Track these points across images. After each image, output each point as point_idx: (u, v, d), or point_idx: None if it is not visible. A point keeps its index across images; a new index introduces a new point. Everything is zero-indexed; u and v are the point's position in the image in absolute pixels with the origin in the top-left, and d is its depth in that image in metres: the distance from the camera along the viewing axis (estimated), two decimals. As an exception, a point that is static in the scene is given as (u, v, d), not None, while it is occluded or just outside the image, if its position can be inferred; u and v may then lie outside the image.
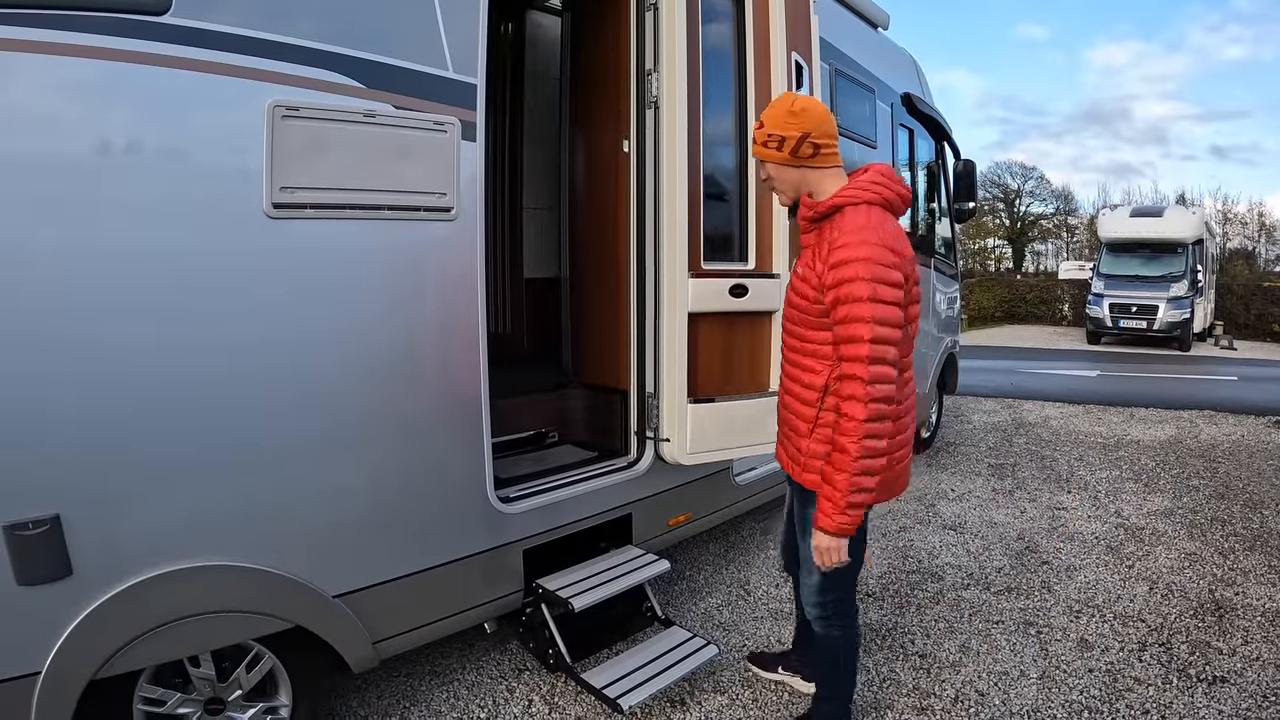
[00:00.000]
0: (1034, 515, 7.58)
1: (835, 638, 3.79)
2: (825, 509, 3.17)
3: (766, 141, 3.30)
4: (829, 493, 3.16)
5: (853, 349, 3.06)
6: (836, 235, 3.14)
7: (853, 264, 3.04)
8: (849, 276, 3.04)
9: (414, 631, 3.90)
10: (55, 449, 2.81)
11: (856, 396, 3.05)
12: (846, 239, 3.09)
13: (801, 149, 3.26)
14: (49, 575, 2.83)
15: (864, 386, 3.04)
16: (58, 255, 2.75)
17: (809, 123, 3.25)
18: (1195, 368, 20.12)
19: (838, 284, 3.07)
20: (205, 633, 3.26)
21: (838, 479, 3.12)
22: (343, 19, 3.36)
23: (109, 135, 2.83)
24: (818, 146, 3.27)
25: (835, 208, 3.22)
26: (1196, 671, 4.68)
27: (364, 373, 3.55)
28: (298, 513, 3.43)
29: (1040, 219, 57.64)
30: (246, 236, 3.15)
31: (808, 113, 3.26)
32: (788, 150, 3.26)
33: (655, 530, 5.12)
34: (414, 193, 3.62)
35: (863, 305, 3.03)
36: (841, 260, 3.06)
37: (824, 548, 3.24)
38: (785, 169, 3.34)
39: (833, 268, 3.09)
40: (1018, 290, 37.34)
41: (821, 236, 3.25)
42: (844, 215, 3.19)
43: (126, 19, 2.80)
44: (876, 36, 8.29)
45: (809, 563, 3.54)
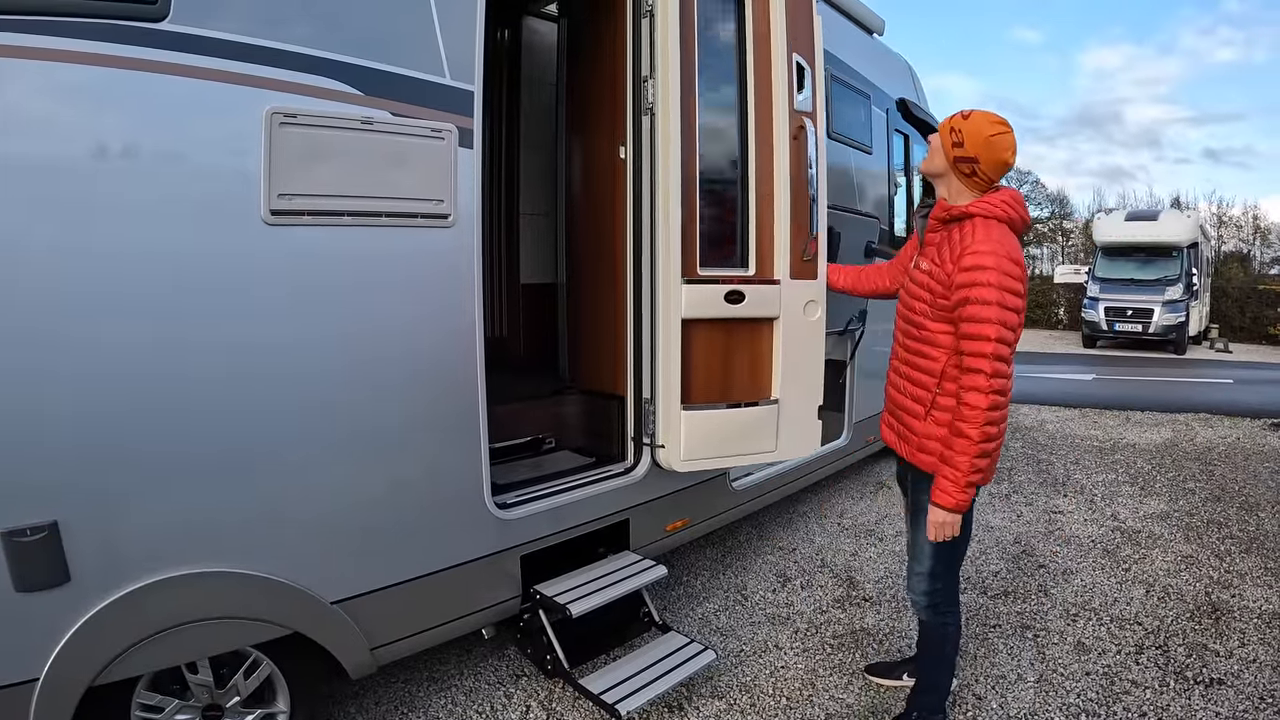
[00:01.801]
0: (1030, 519, 7.59)
1: (943, 626, 4.01)
2: (946, 488, 3.45)
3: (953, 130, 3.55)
4: (950, 473, 3.44)
5: (979, 345, 3.36)
6: (970, 242, 3.42)
7: (986, 270, 3.35)
8: (980, 280, 3.35)
9: (412, 638, 3.90)
10: (53, 455, 2.81)
11: (979, 388, 3.36)
12: (980, 246, 3.39)
13: (963, 165, 3.54)
14: (47, 582, 2.82)
15: (987, 379, 3.35)
16: (56, 260, 2.75)
17: (987, 154, 3.50)
18: (1191, 371, 20.17)
19: (969, 285, 3.37)
20: (203, 639, 3.26)
21: (960, 460, 3.41)
22: (341, 26, 3.36)
23: (107, 141, 2.83)
24: (976, 171, 3.54)
25: (967, 215, 3.53)
26: (1194, 674, 4.69)
27: (361, 378, 3.55)
28: (295, 519, 3.42)
29: (1035, 223, 57.60)
30: (244, 242, 3.15)
31: (993, 149, 3.49)
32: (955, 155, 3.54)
33: (653, 536, 5.11)
34: (411, 199, 3.62)
35: (990, 308, 3.34)
36: (975, 265, 3.36)
37: (942, 522, 3.52)
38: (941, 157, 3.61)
39: (965, 270, 3.38)
40: (1014, 294, 37.38)
41: (949, 238, 3.57)
42: (974, 224, 3.49)
43: (124, 25, 2.80)
44: (872, 42, 8.33)
45: (921, 550, 3.88)
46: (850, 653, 4.97)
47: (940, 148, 3.60)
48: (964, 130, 3.50)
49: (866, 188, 7.65)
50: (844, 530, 7.27)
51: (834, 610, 5.57)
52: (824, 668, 4.80)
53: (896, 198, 8.49)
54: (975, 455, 3.39)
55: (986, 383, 3.34)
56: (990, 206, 3.50)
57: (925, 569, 3.90)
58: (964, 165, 3.53)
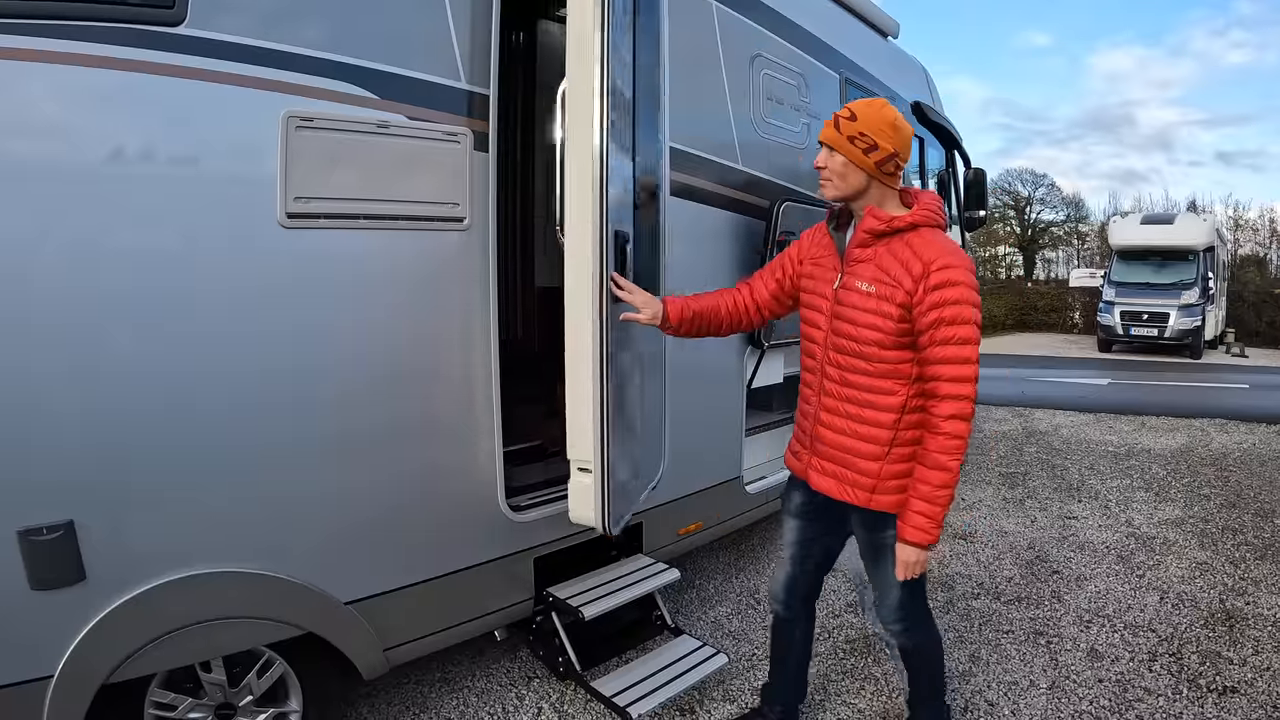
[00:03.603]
0: (1044, 525, 7.59)
1: (924, 643, 3.80)
2: (924, 525, 3.17)
3: (854, 138, 3.21)
4: (925, 508, 3.16)
5: (962, 369, 3.10)
6: (932, 255, 3.11)
7: (959, 286, 3.08)
8: (957, 298, 3.07)
9: (425, 639, 3.93)
10: (69, 454, 2.84)
11: (963, 415, 3.11)
12: (949, 260, 3.10)
13: (887, 164, 3.24)
14: (62, 580, 2.85)
15: (970, 404, 3.12)
16: (73, 262, 2.78)
17: (903, 143, 3.26)
18: (1206, 375, 20.10)
19: (942, 304, 3.08)
20: (217, 638, 3.29)
21: (939, 495, 3.15)
22: (357, 30, 3.39)
23: (124, 145, 2.86)
24: (898, 166, 3.28)
25: (913, 225, 3.21)
26: (1207, 682, 4.69)
27: (376, 380, 3.57)
28: (310, 519, 3.45)
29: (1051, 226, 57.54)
30: (261, 245, 3.18)
31: (903, 133, 3.26)
32: (875, 159, 3.22)
33: (665, 539, 5.13)
34: (426, 203, 3.65)
35: (971, 328, 3.10)
36: (948, 281, 3.07)
37: (915, 561, 3.25)
38: (859, 172, 3.26)
39: (936, 288, 3.07)
40: (1028, 298, 37.36)
41: (891, 252, 3.22)
42: (921, 235, 3.20)
43: (142, 30, 2.83)
44: (886, 45, 8.29)
45: (889, 585, 3.55)
46: (862, 657, 4.99)
47: (849, 164, 3.25)
48: (867, 130, 3.21)
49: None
50: (857, 535, 7.23)
51: (846, 615, 5.59)
52: (836, 672, 4.82)
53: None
54: (951, 485, 3.17)
55: (969, 408, 3.13)
56: (932, 214, 3.25)
57: (896, 599, 3.60)
58: (889, 165, 3.24)
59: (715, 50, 5.22)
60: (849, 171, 3.26)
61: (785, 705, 4.11)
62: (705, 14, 5.13)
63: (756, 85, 5.57)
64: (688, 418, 4.87)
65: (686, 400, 4.88)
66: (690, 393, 4.56)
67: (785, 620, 3.97)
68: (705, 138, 5.12)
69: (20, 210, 2.68)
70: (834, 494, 3.45)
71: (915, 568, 3.26)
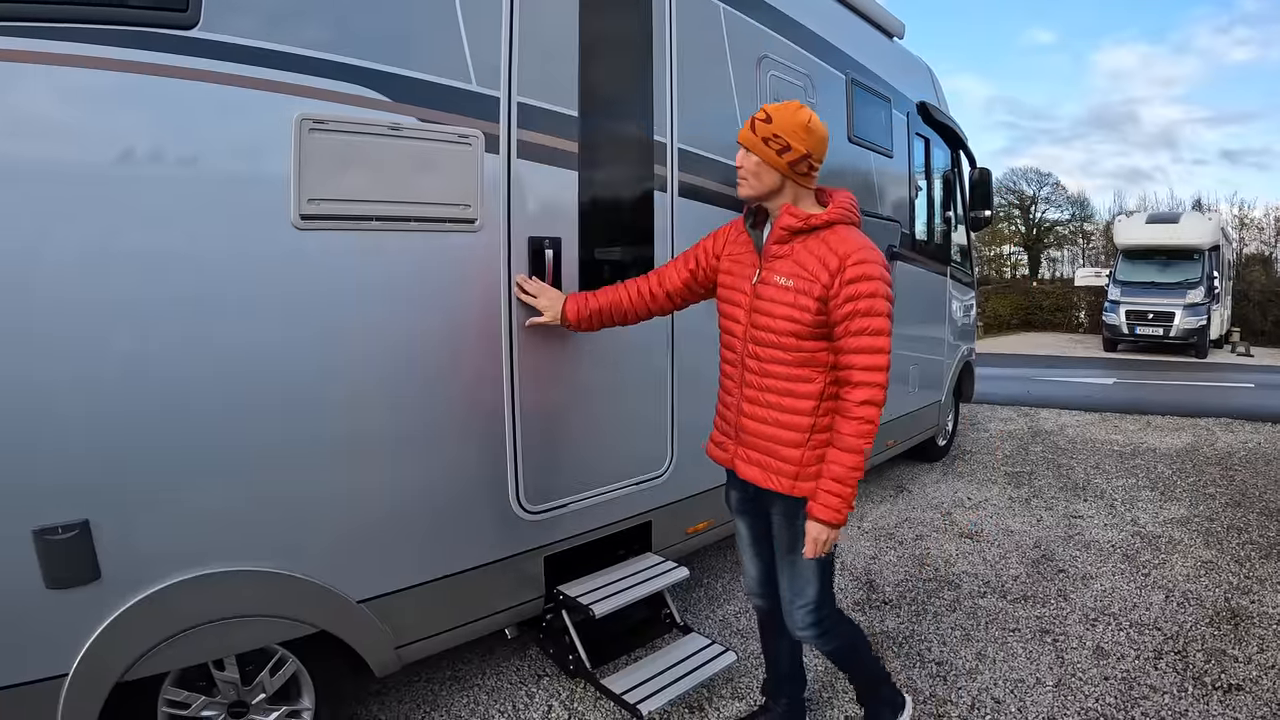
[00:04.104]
0: (1050, 524, 7.60)
1: (844, 640, 3.82)
2: (834, 504, 3.24)
3: (769, 140, 3.29)
4: (837, 489, 3.23)
5: (874, 359, 3.19)
6: (847, 249, 3.21)
7: (874, 280, 3.17)
8: (871, 291, 3.16)
9: (437, 636, 3.95)
10: (84, 454, 2.86)
11: (875, 401, 3.21)
12: (863, 255, 3.20)
13: (800, 165, 3.32)
14: (77, 579, 2.87)
15: (881, 391, 3.22)
16: (87, 264, 2.81)
17: (816, 144, 3.33)
18: (1212, 375, 20.09)
19: (857, 296, 3.16)
20: (231, 636, 3.31)
21: (850, 475, 3.23)
22: (369, 32, 3.42)
23: (136, 147, 2.89)
24: (812, 167, 3.36)
25: (829, 223, 3.30)
26: (1212, 680, 4.71)
27: (389, 380, 3.61)
28: (323, 518, 3.48)
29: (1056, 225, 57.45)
30: (275, 247, 3.21)
31: (816, 134, 3.33)
32: (788, 160, 3.30)
33: (674, 538, 5.16)
34: (438, 204, 3.68)
35: (884, 319, 3.19)
36: (863, 275, 3.16)
37: (824, 539, 3.29)
38: (772, 172, 3.35)
39: (851, 281, 3.16)
40: (1034, 297, 37.28)
41: (808, 248, 3.30)
42: (836, 232, 3.29)
43: (155, 33, 2.86)
44: (892, 46, 8.33)
45: (805, 581, 3.60)
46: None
47: (763, 164, 3.34)
48: (781, 131, 3.29)
49: (887, 191, 7.67)
50: (863, 533, 7.31)
51: (854, 613, 5.59)
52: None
53: (917, 201, 8.48)
54: (861, 467, 3.26)
55: (881, 395, 3.24)
56: (847, 212, 3.36)
57: (810, 599, 3.62)
58: (801, 165, 3.32)
59: (723, 51, 5.24)
60: (763, 171, 3.35)
61: (789, 697, 4.14)
62: (712, 15, 5.15)
63: (764, 86, 5.59)
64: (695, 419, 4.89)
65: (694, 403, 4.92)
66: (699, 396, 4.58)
67: (767, 611, 3.98)
68: (714, 139, 5.15)
69: (37, 213, 2.71)
70: (759, 482, 3.52)
71: (823, 546, 3.31)
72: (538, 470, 4.22)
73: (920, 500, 8.41)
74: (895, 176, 7.90)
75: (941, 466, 9.79)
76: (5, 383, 2.70)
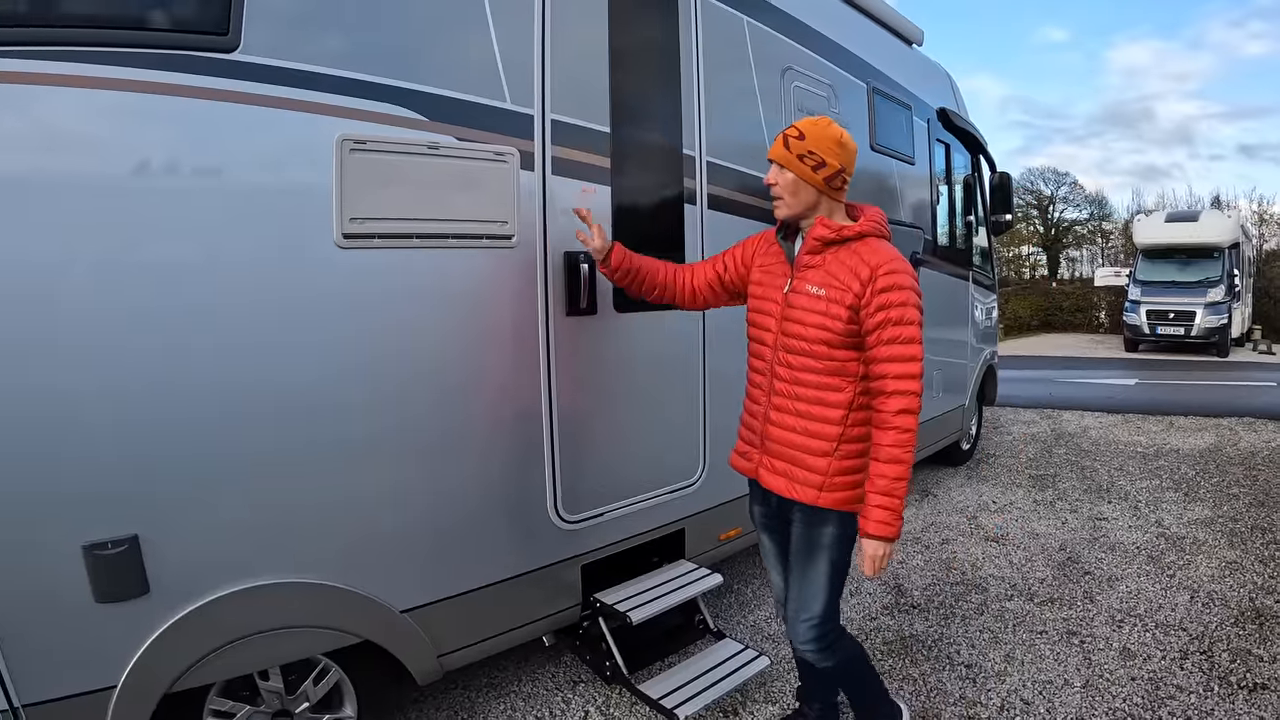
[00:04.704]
0: (1075, 526, 7.63)
1: (846, 656, 3.78)
2: (886, 519, 3.21)
3: (804, 156, 3.31)
4: (885, 501, 3.21)
5: (909, 367, 3.19)
6: (879, 260, 3.22)
7: (905, 290, 3.19)
8: (902, 300, 3.18)
9: (478, 644, 4.02)
10: (134, 470, 2.92)
11: (910, 410, 3.19)
12: (895, 265, 3.22)
13: (834, 180, 3.34)
14: (127, 593, 2.93)
15: (916, 399, 3.20)
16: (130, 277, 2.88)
17: (849, 159, 3.37)
18: (1234, 374, 19.99)
19: (888, 305, 3.17)
20: (277, 647, 3.38)
21: (897, 487, 3.20)
22: (406, 53, 3.50)
23: (179, 170, 2.96)
24: (845, 182, 3.39)
25: (861, 235, 3.31)
26: (1237, 679, 4.74)
27: (432, 395, 3.68)
28: (368, 530, 3.54)
29: (1074, 225, 57.17)
30: (319, 265, 3.28)
31: (849, 149, 3.36)
32: (824, 176, 3.32)
33: (707, 545, 5.21)
34: (476, 221, 3.74)
35: (915, 328, 3.20)
36: (894, 285, 3.17)
37: (881, 555, 3.28)
38: (809, 188, 3.37)
39: (883, 290, 3.17)
40: (1054, 299, 37.09)
41: (837, 259, 3.31)
42: (868, 244, 3.30)
43: (197, 56, 2.92)
44: (912, 53, 8.38)
45: (814, 594, 3.56)
46: (899, 659, 5.06)
47: (799, 181, 3.36)
48: (815, 148, 3.31)
49: (909, 198, 7.71)
50: (890, 538, 7.30)
51: (883, 617, 5.66)
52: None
53: (939, 207, 8.52)
54: (906, 477, 3.23)
55: (917, 403, 3.21)
56: (879, 225, 3.38)
57: (815, 613, 3.57)
58: (836, 180, 3.35)
59: (748, 64, 5.30)
60: (800, 188, 3.37)
61: (822, 702, 4.15)
62: (737, 28, 5.22)
63: (788, 98, 5.65)
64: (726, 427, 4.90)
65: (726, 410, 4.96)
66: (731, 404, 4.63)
67: None
68: (741, 151, 5.21)
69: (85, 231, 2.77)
70: (783, 492, 3.51)
71: (881, 561, 3.30)
72: (575, 481, 4.28)
73: (945, 504, 8.44)
74: (917, 183, 7.95)
75: (966, 470, 9.81)
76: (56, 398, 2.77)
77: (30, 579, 2.81)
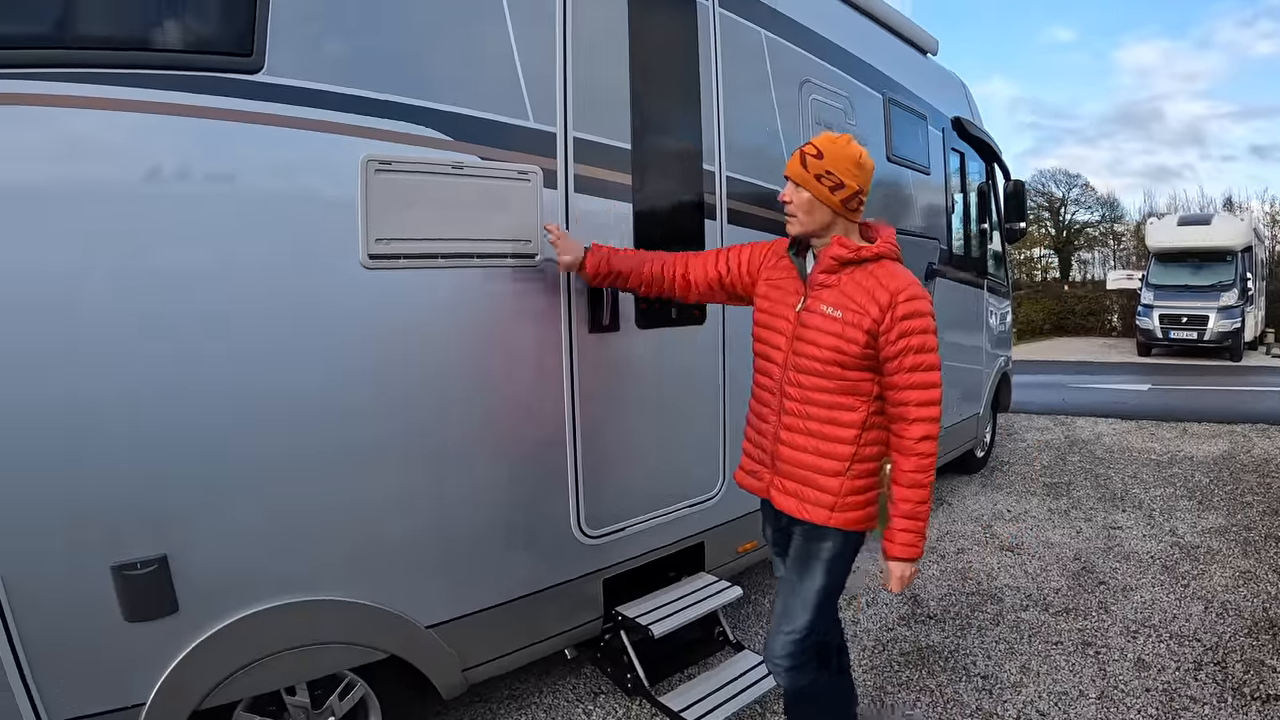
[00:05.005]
0: (1090, 535, 7.65)
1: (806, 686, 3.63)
2: (911, 540, 3.24)
3: (821, 176, 3.25)
4: (909, 524, 3.23)
5: (928, 394, 3.19)
6: (897, 285, 3.18)
7: (924, 316, 3.18)
8: (923, 328, 3.17)
9: (502, 658, 4.06)
10: (164, 492, 2.96)
11: (932, 435, 3.20)
12: (913, 290, 3.19)
13: (851, 201, 3.29)
14: (156, 612, 2.97)
15: (937, 425, 3.21)
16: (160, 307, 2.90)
17: (866, 180, 3.31)
18: (1247, 379, 19.93)
19: (909, 333, 3.14)
20: (308, 663, 3.42)
21: (920, 510, 3.23)
22: (430, 73, 3.53)
23: (203, 192, 2.98)
24: (861, 203, 3.34)
25: (877, 256, 3.28)
26: (1251, 690, 4.77)
27: (456, 415, 3.72)
28: (396, 548, 3.58)
29: (1086, 227, 57.01)
30: (346, 287, 3.31)
31: (867, 170, 3.30)
32: (841, 197, 3.26)
33: (726, 557, 5.24)
34: (500, 240, 3.78)
35: (934, 355, 3.20)
36: (915, 311, 3.15)
37: (907, 575, 3.33)
38: (824, 209, 3.30)
39: (904, 318, 3.14)
40: (1066, 302, 36.96)
41: (852, 280, 3.26)
42: (884, 266, 3.27)
43: (222, 78, 2.96)
44: (926, 62, 8.40)
45: (796, 606, 3.50)
46: (917, 669, 5.09)
47: (815, 201, 3.29)
48: (833, 168, 3.24)
49: (926, 208, 7.73)
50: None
51: (900, 628, 5.69)
52: (892, 685, 4.93)
53: (954, 216, 8.54)
54: (929, 500, 3.27)
55: (936, 428, 3.21)
56: (894, 247, 3.33)
57: (798, 628, 3.49)
58: (853, 202, 3.29)
59: (766, 78, 5.34)
60: (815, 208, 3.31)
61: None
62: (755, 42, 5.26)
63: (806, 110, 5.68)
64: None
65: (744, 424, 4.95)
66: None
67: None
68: (760, 165, 5.24)
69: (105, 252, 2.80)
70: (794, 512, 3.46)
71: (908, 580, 3.35)
72: (598, 497, 4.32)
73: (960, 513, 8.46)
74: (933, 193, 7.96)
75: (980, 478, 9.82)
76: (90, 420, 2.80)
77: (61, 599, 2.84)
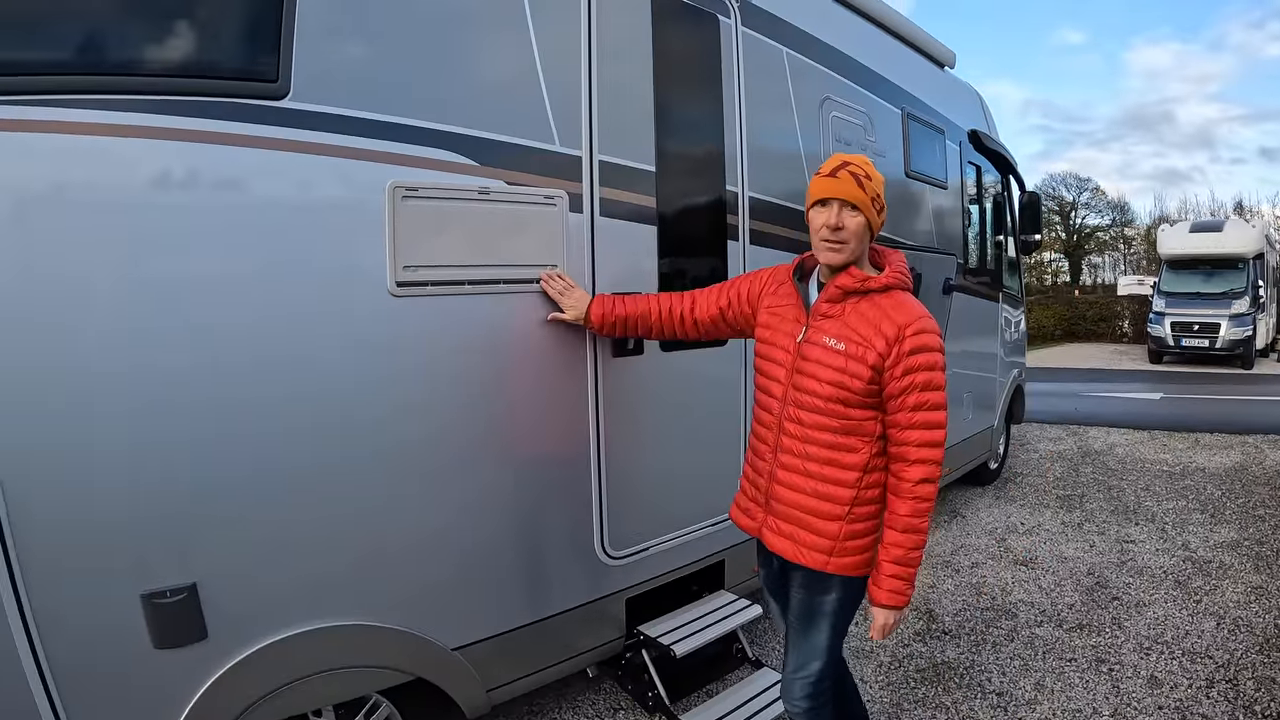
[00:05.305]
0: (1103, 549, 7.67)
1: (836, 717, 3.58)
2: (897, 588, 3.09)
3: (875, 199, 3.11)
4: (899, 571, 3.09)
5: (932, 434, 3.05)
6: (907, 319, 3.03)
7: (933, 353, 3.04)
8: (930, 364, 3.03)
9: (525, 678, 4.10)
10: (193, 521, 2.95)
11: (931, 478, 3.06)
12: (922, 325, 3.04)
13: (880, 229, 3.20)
14: (185, 639, 2.97)
15: (938, 468, 3.08)
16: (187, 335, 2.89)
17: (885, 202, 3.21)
18: (1259, 388, 19.85)
19: (915, 369, 3.01)
20: (335, 687, 3.44)
21: (913, 556, 3.09)
22: (455, 99, 3.54)
23: (229, 220, 2.97)
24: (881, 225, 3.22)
25: (887, 287, 3.12)
26: (1262, 708, 4.80)
27: (484, 439, 3.75)
28: (423, 572, 3.61)
29: (1096, 231, 56.96)
30: (374, 316, 3.32)
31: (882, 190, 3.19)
32: (882, 220, 3.17)
33: (744, 575, 5.25)
34: (526, 265, 3.81)
35: (940, 393, 3.07)
36: (923, 346, 3.01)
37: (892, 623, 3.18)
38: (868, 235, 3.15)
39: (912, 353, 3.00)
40: (1077, 308, 36.92)
41: (857, 311, 3.12)
42: (892, 297, 3.12)
43: (247, 104, 2.95)
44: (943, 76, 8.43)
45: (813, 652, 3.38)
46: (933, 686, 5.14)
47: (867, 226, 3.12)
48: (880, 190, 3.14)
49: (943, 223, 7.75)
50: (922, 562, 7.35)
51: (915, 644, 5.73)
52: (908, 701, 4.97)
53: (970, 230, 8.57)
54: (922, 546, 3.11)
55: (937, 471, 3.07)
56: (904, 277, 3.18)
57: (813, 673, 3.38)
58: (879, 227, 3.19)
59: (788, 96, 5.38)
60: (865, 235, 3.14)
61: None
62: (777, 60, 5.29)
63: (826, 128, 5.71)
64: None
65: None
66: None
67: None
68: (781, 185, 5.27)
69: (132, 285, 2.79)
70: (788, 555, 3.32)
71: (891, 628, 3.20)
72: (621, 518, 4.37)
73: (974, 526, 8.49)
74: (950, 207, 7.98)
75: (994, 490, 9.83)
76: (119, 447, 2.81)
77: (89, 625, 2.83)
